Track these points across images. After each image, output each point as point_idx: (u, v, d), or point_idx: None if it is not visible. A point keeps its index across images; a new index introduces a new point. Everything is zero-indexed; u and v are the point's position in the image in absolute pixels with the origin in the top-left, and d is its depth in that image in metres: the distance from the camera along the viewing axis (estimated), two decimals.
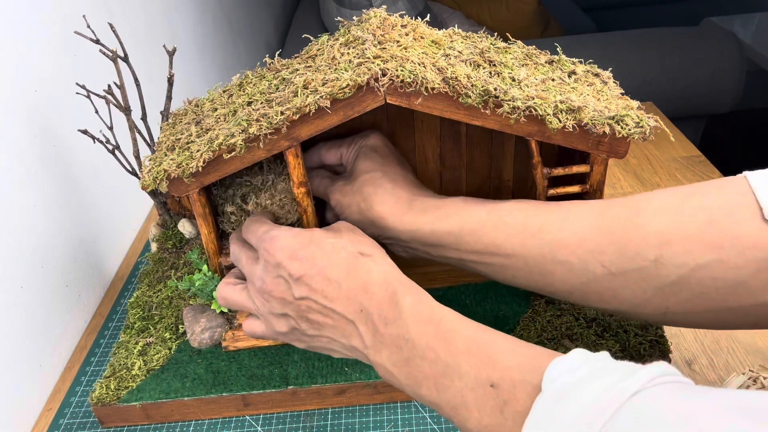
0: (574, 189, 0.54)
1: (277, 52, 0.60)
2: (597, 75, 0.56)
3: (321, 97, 0.48)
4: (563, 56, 0.56)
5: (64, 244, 0.67)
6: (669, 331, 0.57)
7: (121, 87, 0.60)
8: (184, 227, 0.65)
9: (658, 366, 0.32)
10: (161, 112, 0.64)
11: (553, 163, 0.62)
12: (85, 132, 0.62)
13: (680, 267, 0.42)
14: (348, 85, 0.47)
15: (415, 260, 0.65)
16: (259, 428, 0.54)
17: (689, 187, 0.44)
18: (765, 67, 1.91)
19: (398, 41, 0.50)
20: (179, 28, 1.16)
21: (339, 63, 0.50)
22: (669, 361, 0.53)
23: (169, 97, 0.64)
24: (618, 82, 0.55)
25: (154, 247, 0.68)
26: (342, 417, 0.54)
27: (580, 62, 0.57)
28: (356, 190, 0.52)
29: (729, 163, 1.04)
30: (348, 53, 0.51)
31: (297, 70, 0.54)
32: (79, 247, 0.70)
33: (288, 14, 2.43)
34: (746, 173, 0.42)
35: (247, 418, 0.55)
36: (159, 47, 0.71)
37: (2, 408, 0.55)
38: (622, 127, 0.48)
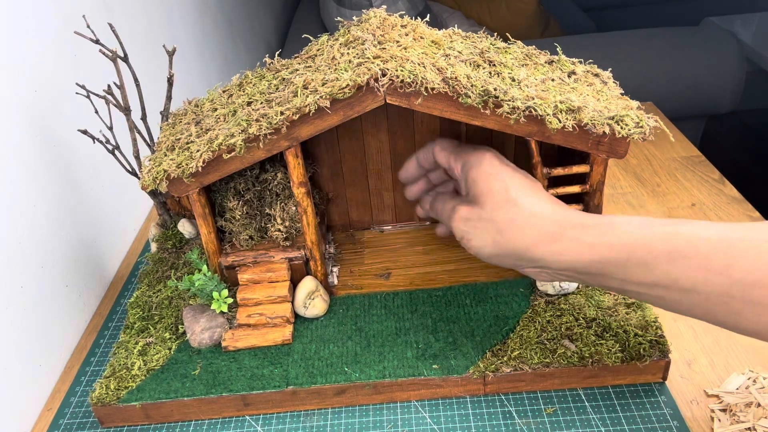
0: (574, 189, 0.54)
1: (277, 52, 0.60)
2: (597, 75, 0.56)
3: (321, 97, 0.48)
4: (563, 56, 0.57)
5: (64, 244, 0.67)
6: (669, 332, 0.57)
7: (121, 87, 0.60)
8: (184, 227, 0.65)
9: None
10: (161, 112, 0.64)
11: (553, 163, 0.62)
12: (85, 132, 0.62)
13: None
14: (348, 85, 0.47)
15: (413, 261, 0.65)
16: (259, 428, 0.54)
17: None
18: (765, 67, 1.91)
19: (398, 41, 0.50)
20: (179, 28, 1.16)
21: (339, 63, 0.50)
22: (669, 361, 0.53)
23: (169, 97, 0.64)
24: (618, 82, 0.55)
25: (154, 247, 0.68)
26: (342, 417, 0.54)
27: (580, 62, 0.57)
28: (486, 218, 0.47)
29: (729, 164, 1.04)
30: (348, 53, 0.51)
31: (297, 70, 0.54)
32: (79, 247, 0.70)
33: (288, 14, 2.43)
34: None
35: (247, 418, 0.55)
36: (159, 47, 0.71)
37: (2, 408, 0.55)
38: (621, 127, 0.48)
